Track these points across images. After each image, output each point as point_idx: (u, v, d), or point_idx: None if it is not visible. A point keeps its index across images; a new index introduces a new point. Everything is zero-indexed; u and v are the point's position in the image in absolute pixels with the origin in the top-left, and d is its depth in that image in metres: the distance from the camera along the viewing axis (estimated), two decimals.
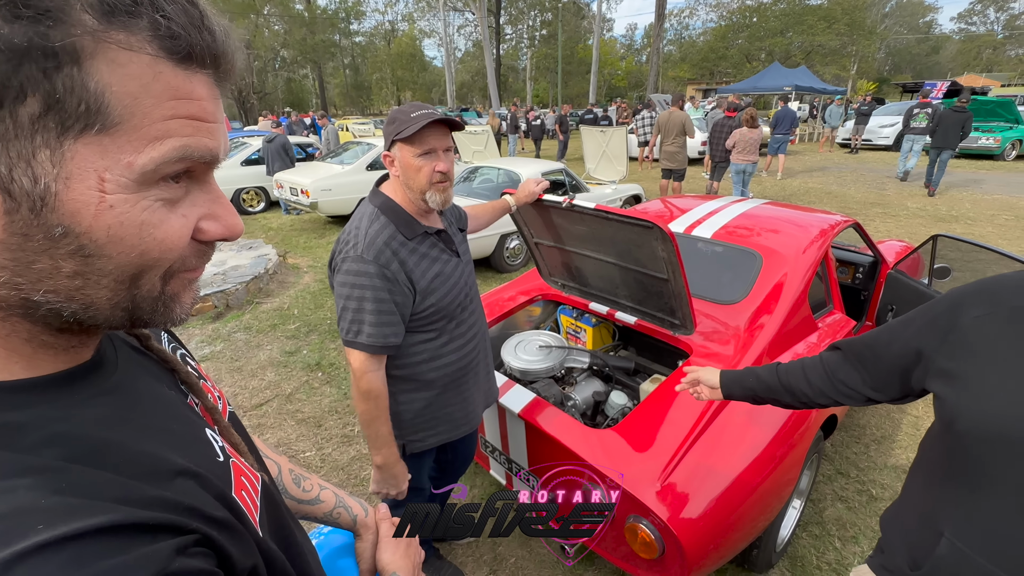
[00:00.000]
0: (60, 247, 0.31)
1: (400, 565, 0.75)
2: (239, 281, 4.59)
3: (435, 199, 1.26)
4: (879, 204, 7.66)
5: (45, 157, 0.29)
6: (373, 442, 1.30)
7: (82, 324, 0.35)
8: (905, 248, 3.42)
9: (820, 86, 17.06)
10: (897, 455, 2.43)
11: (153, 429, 0.39)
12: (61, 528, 0.28)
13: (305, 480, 0.77)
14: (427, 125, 1.16)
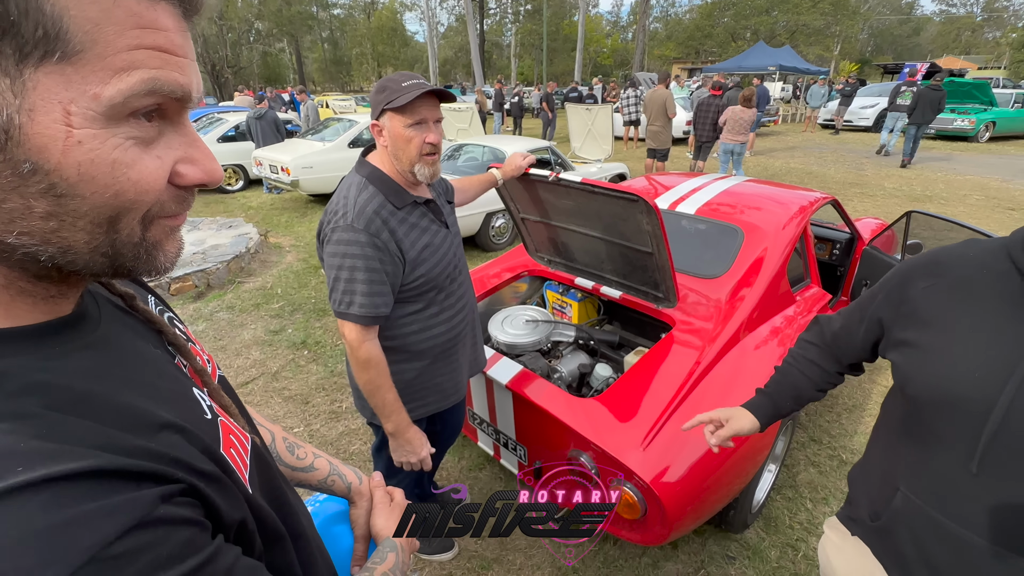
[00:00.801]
0: (30, 185, 0.29)
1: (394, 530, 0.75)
2: (220, 260, 4.51)
3: (423, 172, 1.25)
4: (857, 184, 7.81)
5: (5, 87, 0.27)
6: (381, 411, 1.31)
7: (61, 270, 0.34)
8: (880, 225, 3.51)
9: (804, 66, 17.13)
10: (867, 423, 2.55)
11: (137, 384, 0.39)
12: (40, 470, 0.28)
13: (299, 448, 0.78)
14: (419, 95, 1.15)
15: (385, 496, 0.80)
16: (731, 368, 1.73)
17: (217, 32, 29.00)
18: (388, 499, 0.80)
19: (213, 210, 7.09)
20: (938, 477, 0.78)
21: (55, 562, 0.26)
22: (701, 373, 1.68)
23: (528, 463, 1.87)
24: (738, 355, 1.79)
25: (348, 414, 2.67)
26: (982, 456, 0.70)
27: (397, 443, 1.36)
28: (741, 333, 1.85)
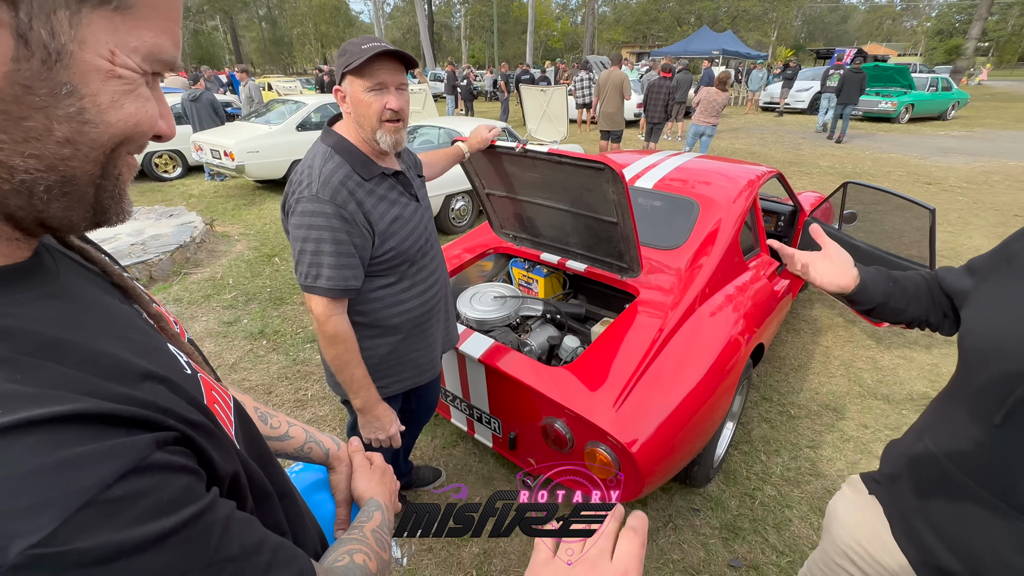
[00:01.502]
0: (60, 107, 0.31)
1: (377, 491, 0.75)
2: (162, 251, 4.24)
3: (385, 139, 1.21)
4: (795, 163, 8.28)
5: (64, 17, 0.30)
6: (349, 386, 1.29)
7: (45, 208, 0.34)
8: (819, 198, 3.76)
9: (745, 51, 17.81)
10: (811, 380, 2.76)
11: (110, 334, 0.37)
12: (23, 413, 0.26)
13: (272, 417, 0.76)
14: (378, 57, 1.12)
15: (364, 460, 0.80)
16: (691, 331, 1.82)
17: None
18: (368, 463, 0.80)
19: (150, 199, 6.61)
20: (960, 427, 0.78)
21: (50, 505, 0.25)
22: (666, 337, 1.77)
23: (502, 434, 1.90)
24: (697, 320, 1.88)
25: (314, 401, 2.61)
26: (1010, 409, 0.69)
27: (366, 419, 1.35)
28: (700, 299, 1.95)
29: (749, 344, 1.96)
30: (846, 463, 2.19)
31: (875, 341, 3.12)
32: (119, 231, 4.73)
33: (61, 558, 0.25)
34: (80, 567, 0.26)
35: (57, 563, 0.25)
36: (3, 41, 0.28)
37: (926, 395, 2.62)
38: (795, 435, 2.36)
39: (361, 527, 0.66)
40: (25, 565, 0.24)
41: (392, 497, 0.78)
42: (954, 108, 14.04)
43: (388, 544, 0.68)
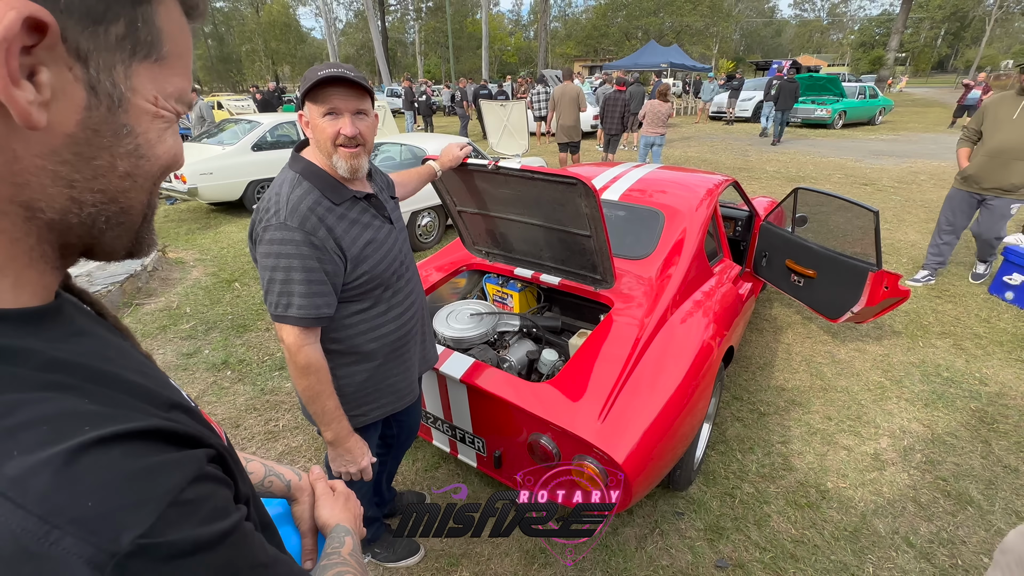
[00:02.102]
0: (122, 145, 0.37)
1: (342, 517, 0.75)
2: (110, 282, 3.99)
3: (341, 165, 1.19)
4: (744, 169, 8.71)
5: (121, 70, 0.35)
6: (320, 418, 1.25)
7: (100, 237, 0.39)
8: (772, 203, 3.96)
9: (691, 63, 18.68)
10: (776, 377, 2.88)
11: (131, 369, 0.40)
12: (110, 427, 0.31)
13: None
14: (330, 83, 1.11)
15: (327, 488, 0.80)
16: (666, 339, 1.88)
17: None
18: (330, 490, 0.80)
19: None
20: None
21: (147, 502, 0.30)
22: (643, 346, 1.81)
23: (487, 453, 1.89)
24: (671, 327, 1.94)
25: (287, 432, 2.51)
26: None
27: (336, 452, 1.31)
28: (672, 306, 2.01)
29: (721, 347, 2.03)
30: (815, 455, 2.29)
31: (831, 336, 3.30)
32: None
33: (158, 549, 0.30)
34: (172, 557, 0.30)
35: (156, 553, 0.30)
36: (78, 93, 0.34)
37: (881, 384, 2.79)
38: (766, 432, 2.45)
39: (337, 552, 0.66)
40: (135, 553, 0.29)
41: (357, 522, 0.78)
42: (881, 113, 15.17)
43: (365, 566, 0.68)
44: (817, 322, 3.46)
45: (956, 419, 2.53)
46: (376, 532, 1.81)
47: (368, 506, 1.72)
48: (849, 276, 2.58)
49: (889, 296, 2.56)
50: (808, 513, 2.01)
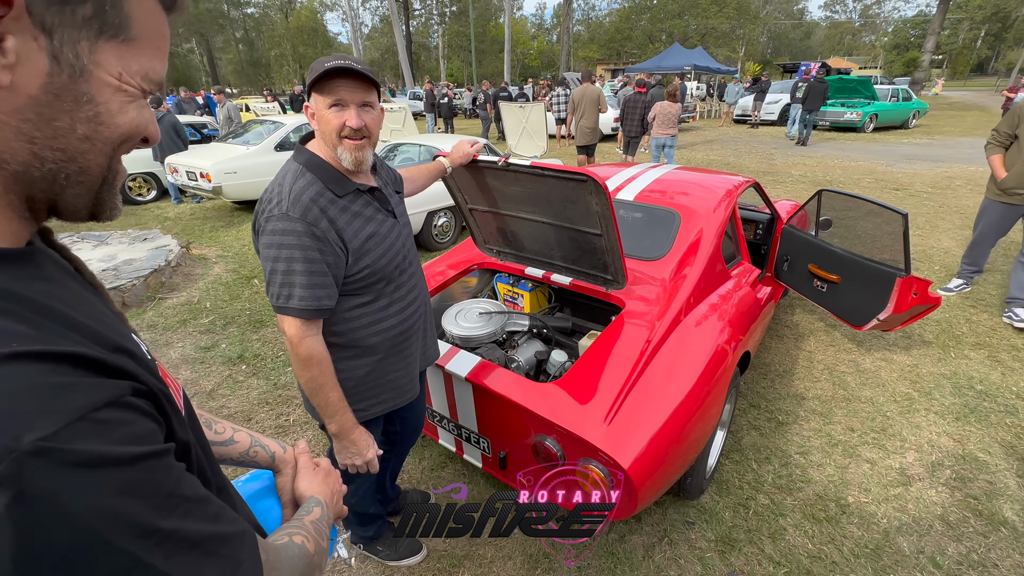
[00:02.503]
0: (81, 111, 0.40)
1: (318, 490, 0.77)
2: (135, 276, 4.11)
3: (345, 156, 1.18)
4: (769, 172, 8.50)
5: (86, 46, 0.40)
6: (324, 410, 1.24)
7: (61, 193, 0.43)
8: (795, 206, 3.84)
9: (715, 66, 18.40)
10: (796, 385, 2.78)
11: (87, 315, 0.43)
12: (36, 345, 0.34)
13: (216, 423, 0.78)
14: (337, 74, 1.10)
15: (309, 461, 0.82)
16: (679, 342, 1.82)
17: None
18: (312, 464, 0.82)
19: (123, 223, 6.43)
20: None
21: (54, 412, 0.32)
22: (654, 348, 1.76)
23: (492, 454, 1.86)
24: (683, 330, 1.88)
25: (297, 427, 2.53)
26: None
27: (341, 445, 1.30)
28: (686, 309, 1.95)
29: (736, 352, 1.97)
30: (836, 468, 2.20)
31: (855, 344, 3.17)
32: (90, 256, 4.58)
33: (61, 454, 0.32)
34: (76, 466, 0.32)
35: (58, 457, 0.31)
36: (41, 61, 0.38)
37: (909, 396, 2.66)
38: (784, 441, 2.36)
39: (300, 518, 0.69)
40: (35, 453, 0.31)
41: (335, 497, 0.80)
42: (915, 117, 14.65)
43: (326, 535, 0.70)
44: (841, 329, 3.33)
45: (990, 435, 2.39)
46: (379, 530, 1.80)
47: (371, 503, 1.71)
48: (875, 282, 2.48)
49: (918, 303, 2.45)
50: (827, 528, 1.92)
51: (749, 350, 2.14)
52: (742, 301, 2.21)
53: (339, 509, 0.82)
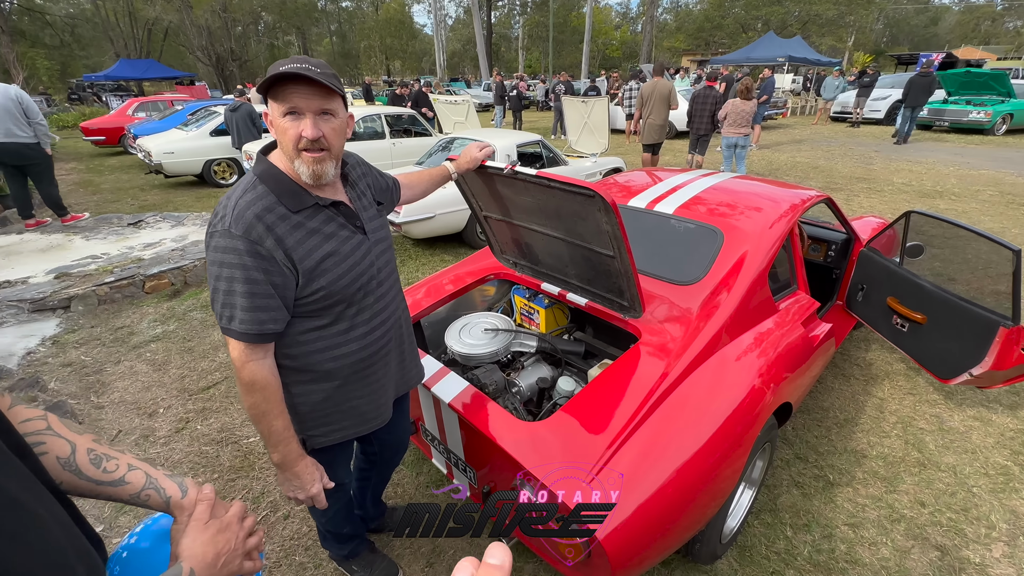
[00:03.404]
0: None
1: (196, 553, 0.68)
2: (198, 257, 4.41)
3: (303, 170, 1.08)
4: (865, 179, 7.53)
5: None
6: (267, 439, 1.16)
7: None
8: (882, 224, 3.30)
9: (815, 57, 16.67)
10: (858, 439, 2.36)
11: None
12: None
13: (109, 460, 0.72)
14: (289, 80, 0.99)
15: (205, 512, 0.73)
16: (697, 386, 1.56)
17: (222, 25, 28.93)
18: (206, 516, 0.73)
19: (204, 204, 6.99)
20: None
21: None
22: (665, 391, 1.52)
23: (478, 486, 1.72)
24: (706, 372, 1.62)
25: None
26: None
27: (284, 476, 1.21)
28: (712, 346, 1.68)
29: (770, 403, 1.67)
30: (894, 551, 1.82)
31: (943, 396, 2.65)
32: (164, 236, 4.99)
33: None
34: None
35: None
36: None
37: (1006, 470, 2.17)
38: (831, 507, 2.00)
39: None
40: None
41: (218, 560, 0.70)
42: None
43: None
44: (927, 376, 2.81)
45: None
46: (355, 549, 1.73)
47: (345, 523, 1.64)
48: (971, 328, 2.03)
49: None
50: None
51: (790, 401, 1.82)
52: (788, 340, 1.88)
53: (241, 568, 0.73)
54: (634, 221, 2.20)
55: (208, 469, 2.26)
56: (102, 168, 9.89)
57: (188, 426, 2.55)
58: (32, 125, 4.86)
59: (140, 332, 3.49)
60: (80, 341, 3.36)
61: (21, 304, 3.62)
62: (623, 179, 2.82)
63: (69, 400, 2.69)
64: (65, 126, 15.64)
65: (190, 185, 8.14)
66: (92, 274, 4.08)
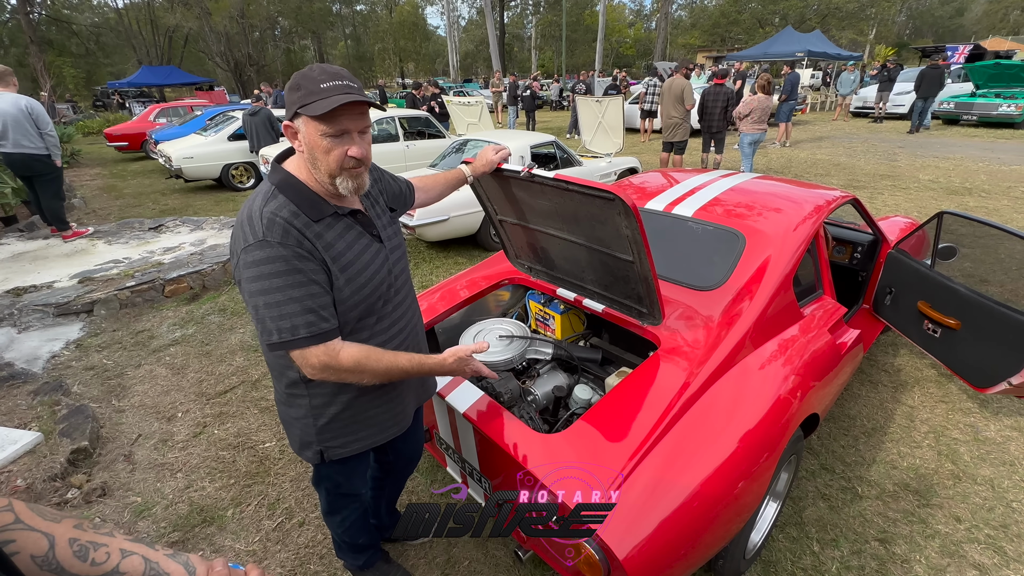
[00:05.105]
0: None
1: None
2: (216, 260, 4.46)
3: (346, 185, 1.08)
4: (889, 176, 7.31)
5: None
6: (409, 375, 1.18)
7: None
8: (910, 225, 3.19)
9: (835, 51, 16.28)
10: (888, 449, 2.27)
11: None
12: None
13: (97, 550, 0.61)
14: (345, 105, 0.98)
15: None
16: (720, 396, 1.51)
17: (239, 30, 29.44)
18: None
19: (223, 208, 7.10)
20: None
21: None
22: (687, 402, 1.47)
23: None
24: (729, 382, 1.56)
25: None
26: None
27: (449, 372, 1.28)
28: (735, 354, 1.62)
29: (797, 413, 1.60)
30: (927, 568, 1.74)
31: (978, 404, 2.54)
32: (183, 240, 5.07)
33: None
34: None
35: None
36: None
37: None
38: (861, 521, 1.93)
39: None
40: None
41: None
42: None
43: None
44: (959, 382, 2.70)
45: None
46: (370, 559, 1.71)
47: (360, 533, 1.62)
48: (1009, 335, 1.93)
49: None
50: None
51: (817, 411, 1.75)
52: (815, 348, 1.81)
53: None
54: (651, 224, 2.14)
55: (225, 474, 2.27)
56: (125, 173, 10.12)
57: (205, 431, 2.57)
58: (43, 136, 4.66)
59: (159, 336, 3.54)
60: (102, 345, 3.42)
61: (46, 308, 3.70)
62: (639, 181, 2.77)
63: (91, 404, 2.73)
64: (90, 132, 16.07)
65: (208, 189, 8.27)
66: (114, 278, 4.16)
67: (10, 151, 4.61)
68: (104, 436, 2.54)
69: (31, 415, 2.59)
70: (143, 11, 31.07)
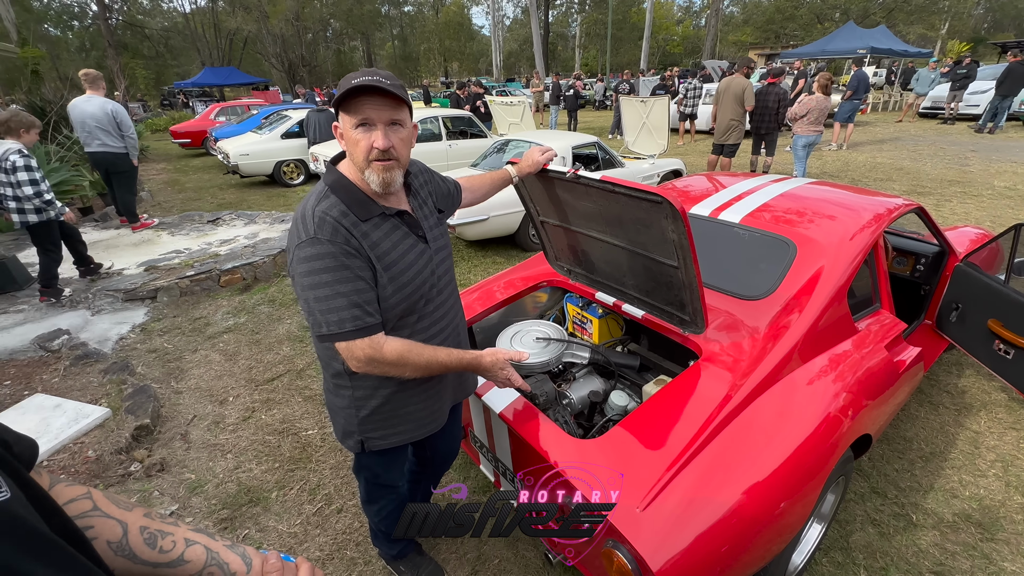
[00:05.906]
0: None
1: None
2: (267, 253, 4.68)
3: (373, 179, 1.10)
4: (959, 182, 6.80)
5: None
6: (448, 369, 1.23)
7: None
8: (982, 236, 2.96)
9: (901, 47, 15.28)
10: (948, 476, 2.12)
11: None
12: None
13: (164, 537, 0.66)
14: (363, 92, 1.02)
15: None
16: (764, 411, 1.46)
17: (294, 32, 30.71)
18: None
19: (274, 203, 7.44)
20: None
21: None
22: (728, 416, 1.43)
23: None
24: (774, 397, 1.50)
25: None
26: None
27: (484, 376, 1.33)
28: (781, 368, 1.56)
29: (847, 433, 1.53)
30: None
31: None
32: (238, 233, 5.34)
33: None
34: None
35: None
36: None
37: None
38: (914, 551, 1.81)
39: None
40: None
41: None
42: None
43: None
44: None
45: None
46: (404, 550, 1.76)
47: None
48: None
49: None
50: None
51: (870, 432, 1.66)
52: (869, 365, 1.72)
53: None
54: (696, 230, 2.09)
55: (270, 458, 2.39)
56: (187, 168, 10.77)
57: (254, 415, 2.70)
58: (124, 137, 5.27)
59: (215, 323, 3.76)
60: (164, 329, 3.66)
61: (116, 294, 4.00)
62: (683, 184, 2.70)
63: (153, 384, 2.93)
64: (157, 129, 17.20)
65: (262, 185, 8.68)
66: (176, 268, 4.45)
67: (95, 150, 5.24)
68: (163, 415, 2.72)
69: (101, 392, 2.81)
70: (207, 15, 33.03)
